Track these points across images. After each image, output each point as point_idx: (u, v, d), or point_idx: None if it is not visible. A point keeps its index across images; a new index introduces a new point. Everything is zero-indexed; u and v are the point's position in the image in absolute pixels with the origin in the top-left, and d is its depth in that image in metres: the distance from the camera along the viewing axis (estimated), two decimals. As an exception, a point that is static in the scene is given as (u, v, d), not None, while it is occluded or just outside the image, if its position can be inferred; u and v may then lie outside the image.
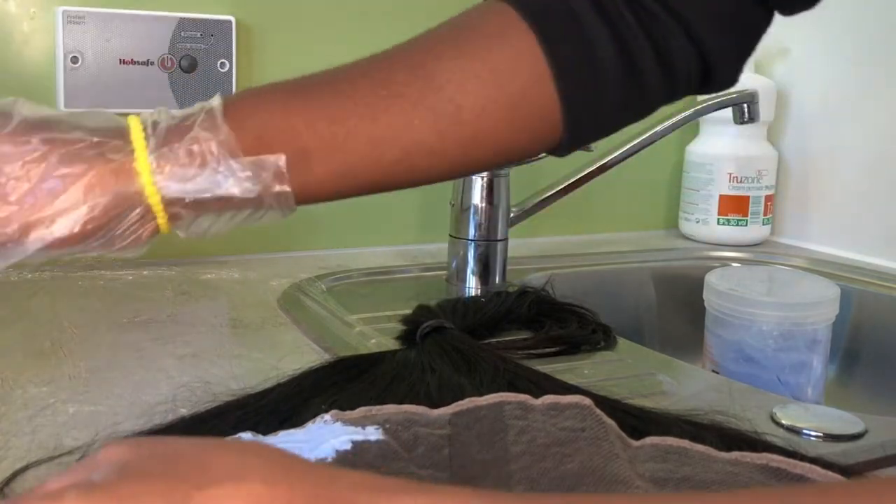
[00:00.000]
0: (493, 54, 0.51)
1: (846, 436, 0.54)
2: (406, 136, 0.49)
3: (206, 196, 0.44)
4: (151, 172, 0.43)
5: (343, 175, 0.48)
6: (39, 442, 0.49)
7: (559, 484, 0.40)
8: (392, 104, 0.49)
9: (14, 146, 0.41)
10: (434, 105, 0.49)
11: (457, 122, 0.50)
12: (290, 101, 0.48)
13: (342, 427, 0.44)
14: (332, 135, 0.47)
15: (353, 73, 0.50)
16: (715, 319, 0.87)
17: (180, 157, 0.43)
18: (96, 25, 0.88)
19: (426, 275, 0.95)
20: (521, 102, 0.51)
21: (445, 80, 0.50)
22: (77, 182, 0.41)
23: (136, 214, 0.43)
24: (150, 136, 0.43)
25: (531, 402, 0.48)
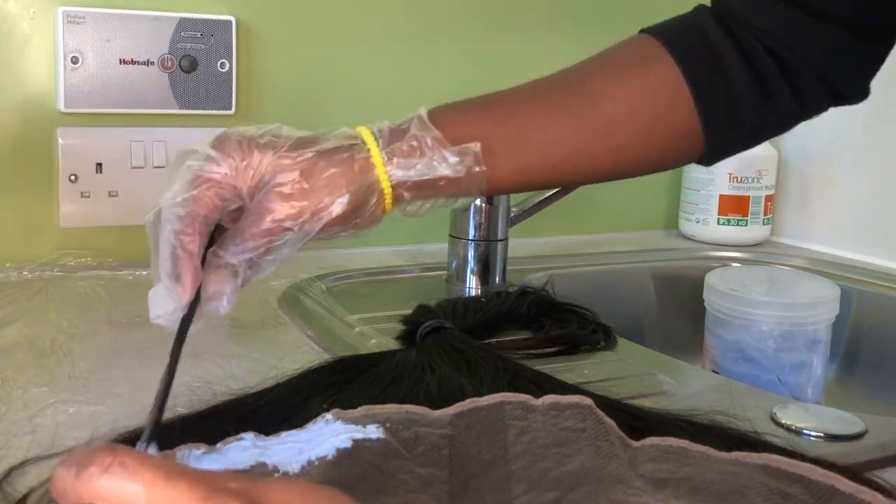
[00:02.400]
0: (641, 78, 0.62)
1: (846, 436, 0.54)
2: (568, 143, 0.61)
3: (424, 178, 0.56)
4: (384, 164, 0.55)
5: (518, 172, 0.60)
6: (39, 442, 0.49)
7: (559, 484, 0.40)
8: (557, 117, 0.61)
9: (292, 160, 0.53)
10: (591, 118, 0.61)
11: (609, 134, 0.61)
12: (479, 114, 0.61)
13: (343, 425, 0.44)
14: (509, 140, 0.60)
15: (527, 93, 0.63)
16: (715, 319, 0.87)
17: (404, 150, 0.56)
18: (96, 25, 0.88)
19: (426, 275, 0.95)
20: (664, 119, 0.62)
21: (601, 98, 0.61)
22: (339, 178, 0.54)
23: (374, 198, 0.55)
24: (379, 138, 0.56)
25: (532, 402, 0.48)
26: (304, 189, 0.53)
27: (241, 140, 0.53)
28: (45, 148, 0.89)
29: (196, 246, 0.50)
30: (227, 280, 0.51)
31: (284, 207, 0.52)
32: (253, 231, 0.51)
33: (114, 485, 0.27)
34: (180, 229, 0.50)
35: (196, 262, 0.50)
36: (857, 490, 0.41)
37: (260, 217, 0.52)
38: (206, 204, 0.51)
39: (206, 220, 0.51)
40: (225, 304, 0.51)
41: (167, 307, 0.50)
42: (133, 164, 0.92)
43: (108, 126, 0.91)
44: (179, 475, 0.27)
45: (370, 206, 0.55)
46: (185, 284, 0.49)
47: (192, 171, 0.52)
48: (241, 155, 0.52)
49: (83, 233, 0.92)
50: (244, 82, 0.96)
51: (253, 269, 0.52)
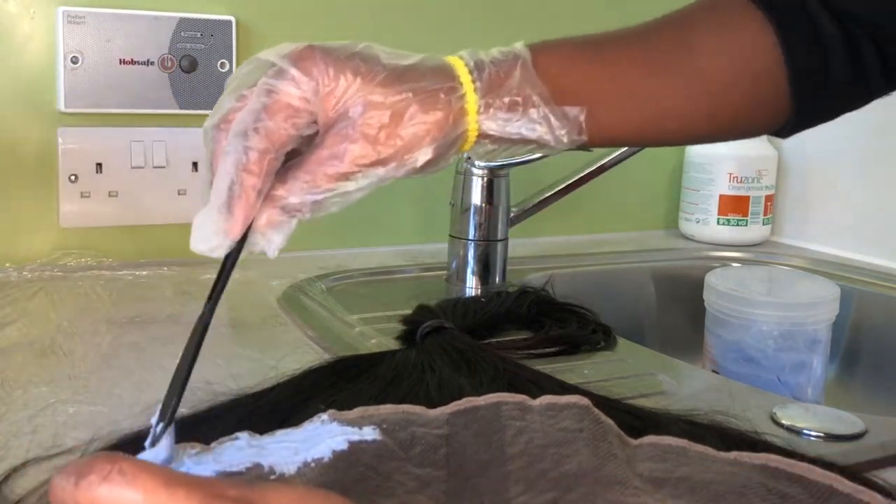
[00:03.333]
0: (737, 34, 0.58)
1: (846, 436, 0.54)
2: (663, 99, 0.57)
3: (518, 136, 0.51)
4: (478, 112, 0.50)
5: (612, 128, 0.56)
6: (39, 442, 0.49)
7: (557, 484, 0.40)
8: (657, 70, 0.57)
9: (383, 97, 0.47)
10: (689, 74, 0.57)
11: (706, 93, 0.57)
12: (581, 56, 0.55)
13: (339, 427, 0.44)
14: (611, 91, 0.55)
15: (628, 38, 0.58)
16: (715, 319, 0.87)
17: (505, 104, 0.50)
18: (96, 25, 0.88)
19: (426, 275, 0.95)
20: (758, 80, 0.58)
21: (700, 51, 0.57)
22: (432, 128, 0.48)
23: (457, 146, 0.50)
24: (476, 79, 0.50)
25: (529, 402, 0.48)
26: (394, 134, 0.47)
27: (327, 59, 0.46)
28: (45, 148, 0.89)
29: (260, 184, 0.44)
30: (281, 221, 0.46)
31: (368, 150, 0.46)
32: (327, 171, 0.46)
33: (113, 493, 0.27)
34: (245, 164, 0.44)
35: (255, 201, 0.44)
36: (855, 490, 0.41)
37: (338, 156, 0.46)
38: (279, 138, 0.45)
39: (276, 156, 0.45)
40: (275, 248, 0.46)
41: (211, 240, 0.45)
42: (133, 164, 0.92)
43: (108, 126, 0.91)
44: (178, 482, 0.27)
45: (451, 155, 0.51)
46: (237, 220, 0.44)
47: (267, 94, 0.45)
48: (325, 78, 0.46)
49: (83, 233, 0.92)
50: (244, 82, 0.96)
51: (315, 209, 0.47)
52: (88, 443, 0.48)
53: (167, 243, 0.95)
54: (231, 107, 0.46)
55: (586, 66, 0.55)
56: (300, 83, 0.46)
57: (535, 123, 0.51)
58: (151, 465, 0.28)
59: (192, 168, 0.95)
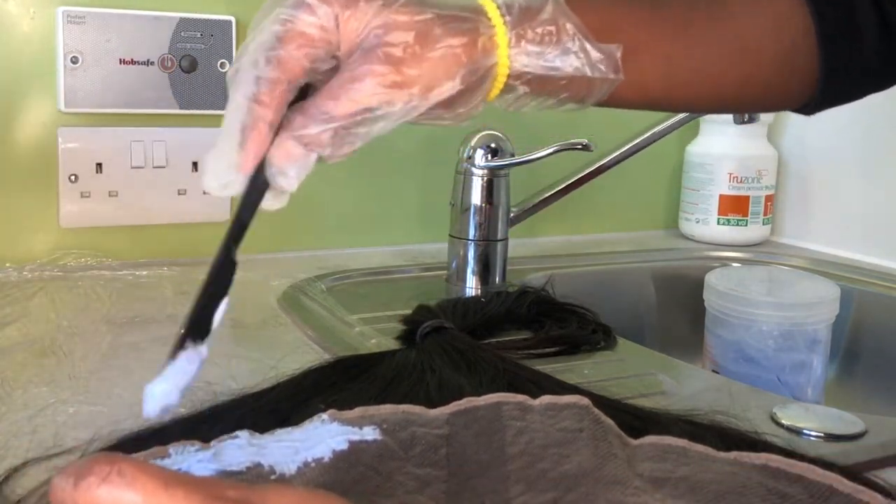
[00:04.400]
0: (774, 3, 0.56)
1: (846, 436, 0.54)
2: (695, 59, 0.55)
3: (553, 73, 0.48)
4: (509, 46, 0.47)
5: (645, 82, 0.53)
6: (39, 442, 0.49)
7: (557, 484, 0.40)
8: (690, 27, 0.54)
9: (408, 16, 0.44)
10: (722, 37, 0.55)
11: (739, 58, 0.55)
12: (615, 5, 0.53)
13: (339, 427, 0.44)
14: (645, 41, 0.53)
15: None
16: (715, 319, 0.87)
17: (537, 35, 0.47)
18: (96, 25, 0.88)
19: (426, 275, 0.95)
20: (790, 51, 0.56)
21: (734, 15, 0.55)
22: (458, 52, 0.45)
23: (487, 85, 0.47)
24: (506, 14, 0.47)
25: (529, 402, 0.48)
26: (418, 56, 0.44)
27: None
28: (45, 148, 0.89)
29: (271, 115, 0.42)
30: (297, 154, 0.43)
31: (392, 74, 0.43)
32: (349, 96, 0.43)
33: (112, 494, 0.27)
34: (255, 95, 0.42)
35: (267, 133, 0.42)
36: (855, 490, 0.41)
37: (359, 78, 0.43)
38: (292, 68, 0.43)
39: (289, 87, 0.43)
40: (292, 182, 0.43)
41: (221, 176, 0.42)
42: (133, 164, 0.92)
43: (108, 126, 0.91)
44: (178, 483, 0.27)
45: (481, 94, 0.47)
46: (249, 153, 0.42)
47: (282, 23, 0.43)
48: (343, 3, 0.44)
49: (83, 233, 0.92)
50: (244, 82, 0.96)
51: (335, 143, 0.43)
52: (88, 443, 0.48)
53: (167, 243, 0.95)
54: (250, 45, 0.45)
55: (621, 14, 0.53)
56: (316, 10, 0.44)
57: (569, 54, 0.48)
58: (151, 466, 0.28)
59: (192, 168, 0.95)
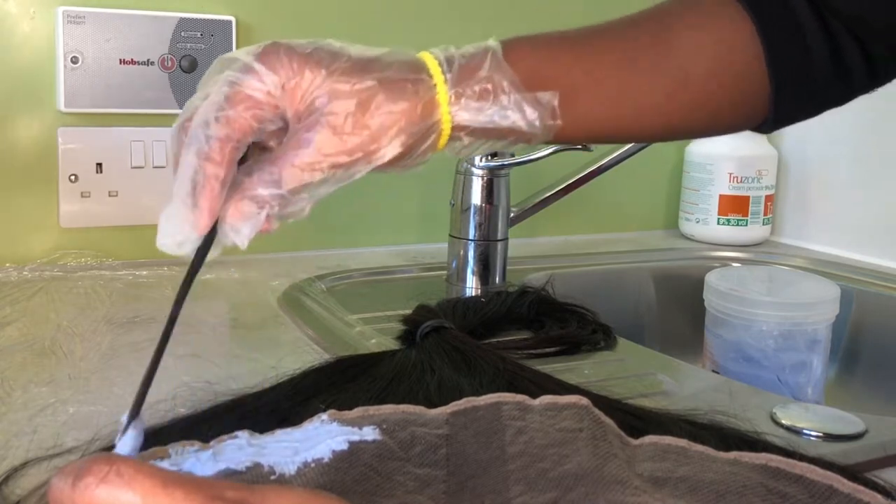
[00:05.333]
0: (717, 30, 0.58)
1: (846, 436, 0.54)
2: (641, 95, 0.56)
3: (492, 126, 0.50)
4: (449, 104, 0.49)
5: (587, 121, 0.55)
6: (40, 442, 0.49)
7: (557, 484, 0.40)
8: (635, 64, 0.56)
9: (348, 85, 0.46)
10: (667, 70, 0.56)
11: (685, 88, 0.57)
12: (555, 50, 0.55)
13: (339, 427, 0.44)
14: (586, 83, 0.54)
15: (605, 33, 0.57)
16: (715, 319, 0.87)
17: (476, 92, 0.50)
18: (96, 25, 0.88)
19: (426, 275, 0.95)
20: (738, 76, 0.58)
21: (679, 48, 0.57)
22: (399, 118, 0.47)
23: (431, 140, 0.49)
24: (447, 72, 0.49)
25: (529, 402, 0.48)
26: (360, 123, 0.46)
27: (291, 54, 0.46)
28: (45, 148, 0.89)
29: (222, 173, 0.44)
30: (250, 213, 0.44)
31: (334, 142, 0.45)
32: (294, 163, 0.45)
33: (111, 494, 0.27)
34: (206, 153, 0.44)
35: (219, 191, 0.44)
36: (854, 490, 0.41)
37: (304, 149, 0.45)
38: (240, 127, 0.45)
39: (238, 146, 0.45)
40: (244, 239, 0.45)
41: (176, 235, 0.44)
42: (133, 164, 0.92)
43: (108, 126, 0.91)
44: (176, 483, 0.27)
45: (424, 149, 0.49)
46: (203, 211, 0.43)
47: (230, 85, 0.45)
48: (289, 72, 0.46)
49: (83, 233, 0.92)
50: (244, 82, 0.96)
51: (283, 204, 0.45)
52: (89, 443, 0.48)
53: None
54: (196, 106, 0.46)
55: (560, 58, 0.54)
56: (263, 76, 0.45)
57: (506, 110, 0.50)
58: (149, 466, 0.28)
59: (192, 168, 0.95)
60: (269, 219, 0.46)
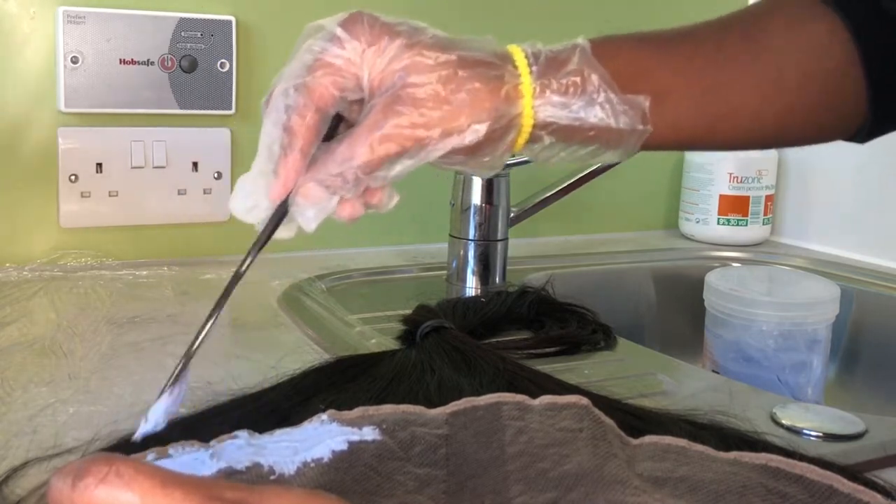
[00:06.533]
0: (811, 32, 0.55)
1: (846, 436, 0.54)
2: (733, 94, 0.53)
3: (578, 123, 0.47)
4: (533, 96, 0.47)
5: (679, 124, 0.52)
6: (40, 442, 0.49)
7: (557, 484, 0.40)
8: (725, 64, 0.53)
9: (430, 59, 0.44)
10: (761, 69, 0.54)
11: (778, 89, 0.54)
12: (644, 50, 0.53)
13: (339, 427, 0.44)
14: (677, 83, 0.52)
15: (694, 34, 0.55)
16: (715, 319, 0.87)
17: (562, 85, 0.47)
18: (96, 25, 0.88)
19: (426, 275, 0.95)
20: (834, 80, 0.55)
21: (771, 48, 0.54)
22: (483, 99, 0.45)
23: (512, 135, 0.47)
24: (533, 64, 0.47)
25: (528, 402, 0.48)
26: (441, 98, 0.44)
27: (374, 23, 0.45)
28: (45, 148, 0.89)
29: (301, 143, 0.43)
30: (317, 196, 0.43)
31: (413, 115, 0.43)
32: (368, 136, 0.43)
33: (110, 495, 0.27)
34: (284, 122, 0.43)
35: (297, 160, 0.43)
36: (854, 490, 0.41)
37: (380, 120, 0.43)
38: (320, 94, 0.43)
39: (318, 112, 0.44)
40: (310, 223, 0.44)
41: (247, 200, 0.43)
42: (133, 164, 0.92)
43: (108, 126, 0.91)
44: (175, 483, 0.27)
45: (506, 143, 0.47)
46: (278, 180, 0.42)
47: (311, 53, 0.44)
48: (370, 39, 0.44)
49: (83, 233, 0.92)
50: (244, 82, 0.96)
51: (357, 184, 0.44)
52: (89, 443, 0.48)
53: (167, 243, 0.95)
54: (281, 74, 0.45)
55: (650, 57, 0.52)
56: (344, 42, 0.44)
57: (594, 105, 0.47)
58: (149, 466, 0.28)
59: (192, 168, 0.95)
60: (350, 203, 0.45)
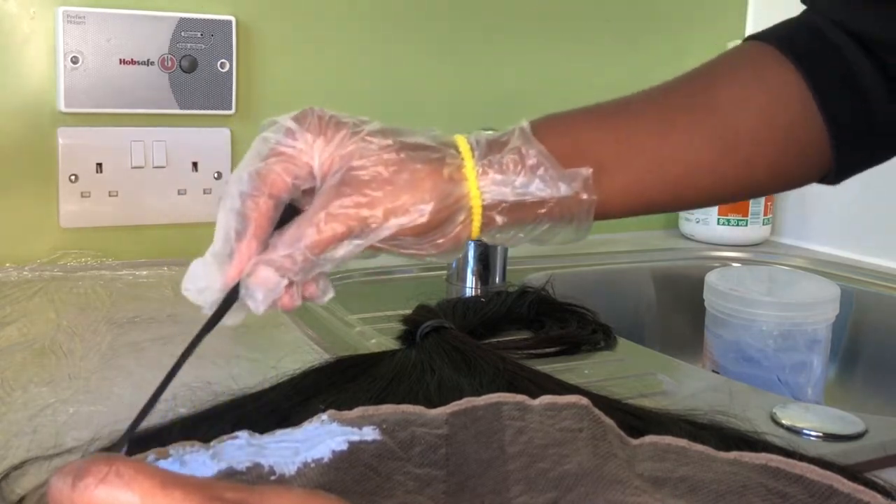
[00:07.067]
0: (763, 84, 0.55)
1: (846, 436, 0.54)
2: (688, 155, 0.53)
3: (523, 199, 0.49)
4: (477, 177, 0.48)
5: (631, 190, 0.53)
6: (40, 442, 0.49)
7: (557, 484, 0.40)
8: (674, 126, 0.54)
9: (374, 144, 0.47)
10: (713, 128, 0.54)
11: (734, 146, 0.54)
12: (584, 123, 0.53)
13: (339, 427, 0.44)
14: (621, 152, 0.52)
15: (638, 100, 0.56)
16: (715, 319, 0.87)
17: (503, 164, 0.49)
18: (96, 25, 0.88)
19: (426, 275, 0.95)
20: (791, 130, 0.55)
21: (722, 105, 0.54)
22: (425, 180, 0.47)
23: (461, 216, 0.48)
24: (475, 148, 0.49)
25: (528, 402, 0.48)
26: (383, 179, 0.46)
27: (323, 115, 0.48)
28: (45, 148, 0.89)
29: (254, 226, 0.44)
30: (266, 278, 0.44)
31: (356, 195, 0.45)
32: (315, 218, 0.45)
33: (110, 495, 0.27)
34: (237, 209, 0.45)
35: (251, 244, 0.44)
36: (855, 490, 0.41)
37: (326, 202, 0.45)
38: (272, 180, 0.45)
39: (272, 198, 0.45)
40: (258, 305, 0.45)
41: (199, 282, 0.45)
42: (133, 164, 0.92)
43: (108, 126, 0.91)
44: (175, 484, 0.27)
45: (455, 225, 0.48)
46: (230, 265, 0.44)
47: (266, 144, 0.47)
48: (319, 129, 0.47)
49: (83, 233, 0.92)
50: (244, 82, 0.96)
51: (305, 268, 0.45)
52: (89, 443, 0.48)
53: (167, 243, 0.95)
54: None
55: (592, 130, 0.53)
56: (296, 133, 0.47)
57: (536, 180, 0.49)
58: (149, 466, 0.28)
59: (191, 168, 0.95)
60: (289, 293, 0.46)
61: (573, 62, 1.14)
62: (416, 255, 0.49)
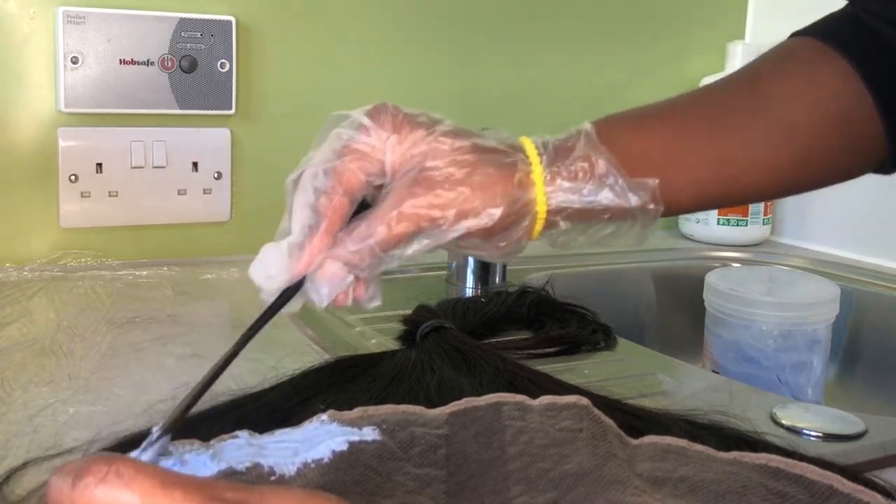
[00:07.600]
0: (815, 77, 0.56)
1: (846, 436, 0.54)
2: (743, 153, 0.54)
3: (590, 207, 0.49)
4: (545, 183, 0.49)
5: (691, 191, 0.54)
6: (40, 442, 0.49)
7: (557, 484, 0.40)
8: (727, 125, 0.55)
9: (447, 145, 0.47)
10: (767, 124, 0.55)
11: (790, 140, 0.55)
12: (644, 126, 0.54)
13: (339, 427, 0.44)
14: (680, 153, 0.53)
15: (690, 101, 0.57)
16: (715, 319, 0.87)
17: (572, 171, 0.49)
18: (96, 25, 0.88)
19: (426, 275, 0.95)
20: (846, 121, 0.55)
21: (775, 100, 0.55)
22: (496, 184, 0.47)
23: (527, 221, 0.49)
24: (542, 153, 0.49)
25: (529, 402, 0.48)
26: (456, 181, 0.46)
27: (397, 113, 0.48)
28: (45, 148, 0.89)
29: (327, 222, 0.45)
30: (334, 274, 0.45)
31: (429, 196, 0.46)
32: (385, 216, 0.46)
33: (110, 494, 0.27)
34: (314, 202, 0.45)
35: (324, 239, 0.45)
36: (855, 490, 0.41)
37: (399, 201, 0.46)
38: (348, 178, 0.46)
39: (346, 195, 0.46)
40: (322, 299, 0.45)
41: (271, 269, 0.45)
42: (133, 164, 0.92)
43: (108, 126, 0.91)
44: (175, 484, 0.27)
45: (520, 229, 0.49)
46: (301, 257, 0.45)
47: (340, 140, 0.47)
48: (393, 127, 0.47)
49: (83, 233, 0.92)
50: (244, 82, 0.96)
51: (373, 264, 0.46)
52: (89, 443, 0.48)
53: (167, 243, 0.95)
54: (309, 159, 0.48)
55: (651, 132, 0.54)
56: (370, 131, 0.47)
57: (604, 188, 0.49)
58: (149, 466, 0.28)
59: (192, 168, 0.95)
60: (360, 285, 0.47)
61: (573, 62, 1.14)
62: (475, 254, 0.50)
